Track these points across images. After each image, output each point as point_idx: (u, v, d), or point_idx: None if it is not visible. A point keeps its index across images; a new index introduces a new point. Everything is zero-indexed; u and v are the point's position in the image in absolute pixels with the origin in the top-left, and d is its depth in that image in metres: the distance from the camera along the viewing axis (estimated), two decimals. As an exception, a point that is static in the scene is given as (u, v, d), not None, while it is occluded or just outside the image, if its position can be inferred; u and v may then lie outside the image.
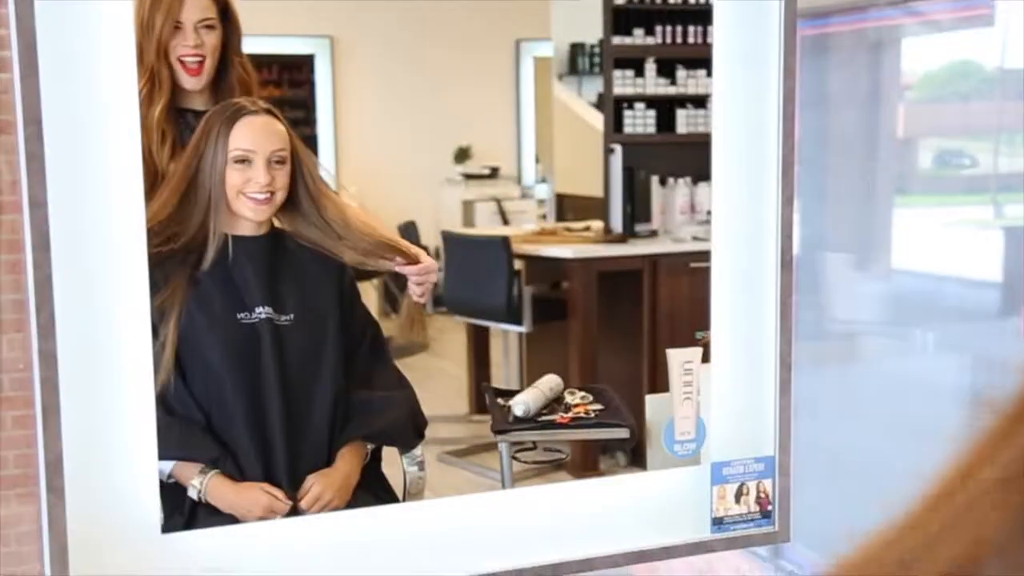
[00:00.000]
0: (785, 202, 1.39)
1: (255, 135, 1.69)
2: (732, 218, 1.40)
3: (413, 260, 1.93)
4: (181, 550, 1.30)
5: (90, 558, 1.21)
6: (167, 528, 1.34)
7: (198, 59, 1.74)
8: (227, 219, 1.71)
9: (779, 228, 1.40)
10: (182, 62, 1.74)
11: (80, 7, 1.13)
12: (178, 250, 1.71)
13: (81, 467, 1.20)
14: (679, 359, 1.44)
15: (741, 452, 1.46)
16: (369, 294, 3.11)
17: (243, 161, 1.68)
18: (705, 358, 1.46)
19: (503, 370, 3.87)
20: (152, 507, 1.27)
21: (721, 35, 1.33)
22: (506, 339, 3.83)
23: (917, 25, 3.71)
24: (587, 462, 3.09)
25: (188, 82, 1.74)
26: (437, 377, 4.04)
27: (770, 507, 1.49)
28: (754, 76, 1.35)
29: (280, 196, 1.72)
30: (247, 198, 1.69)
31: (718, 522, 1.47)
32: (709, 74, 4.30)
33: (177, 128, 1.72)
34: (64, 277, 1.17)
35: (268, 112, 1.73)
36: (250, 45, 2.03)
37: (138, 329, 1.23)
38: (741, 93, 1.38)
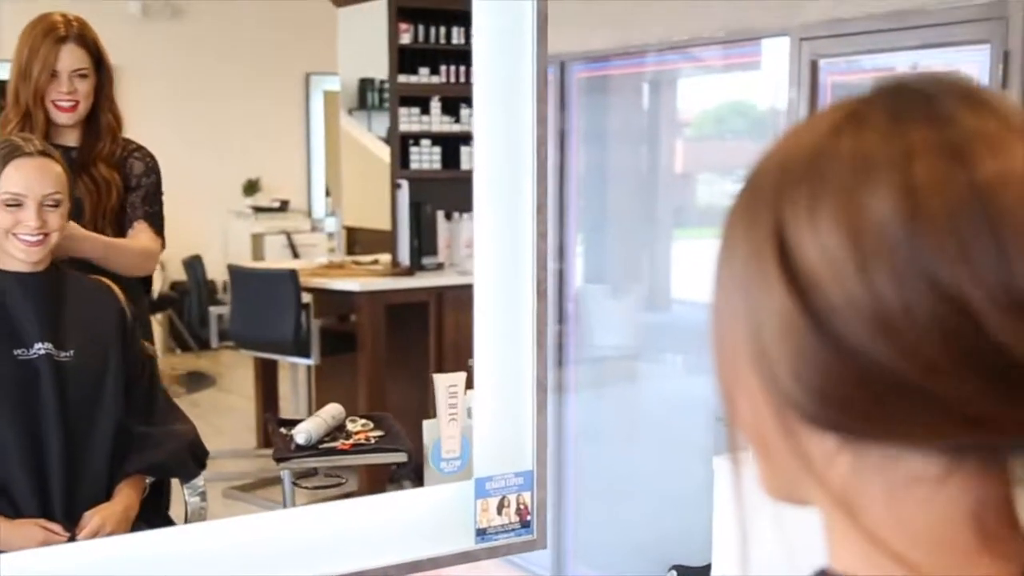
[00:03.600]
0: (540, 237, 1.53)
1: (27, 178, 1.67)
2: (492, 254, 1.52)
3: None
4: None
5: None
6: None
7: (72, 102, 1.90)
8: (3, 256, 1.70)
9: (535, 261, 1.54)
10: (55, 103, 1.89)
11: None
12: None
13: None
14: (445, 383, 1.56)
15: (503, 467, 1.58)
16: (155, 330, 3.08)
17: (14, 204, 1.67)
18: (471, 384, 1.58)
19: (292, 403, 3.89)
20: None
21: (480, 91, 1.46)
22: (295, 372, 3.85)
23: (692, 68, 3.96)
24: (374, 489, 3.17)
25: (61, 118, 1.90)
26: (225, 412, 4.01)
27: (529, 517, 1.62)
28: (509, 127, 1.48)
29: (55, 237, 1.69)
30: (18, 239, 1.66)
31: (481, 533, 1.59)
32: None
33: None
34: None
35: (43, 154, 1.70)
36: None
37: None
38: (500, 141, 1.51)
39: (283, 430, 2.14)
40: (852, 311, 0.50)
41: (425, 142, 4.16)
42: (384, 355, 3.74)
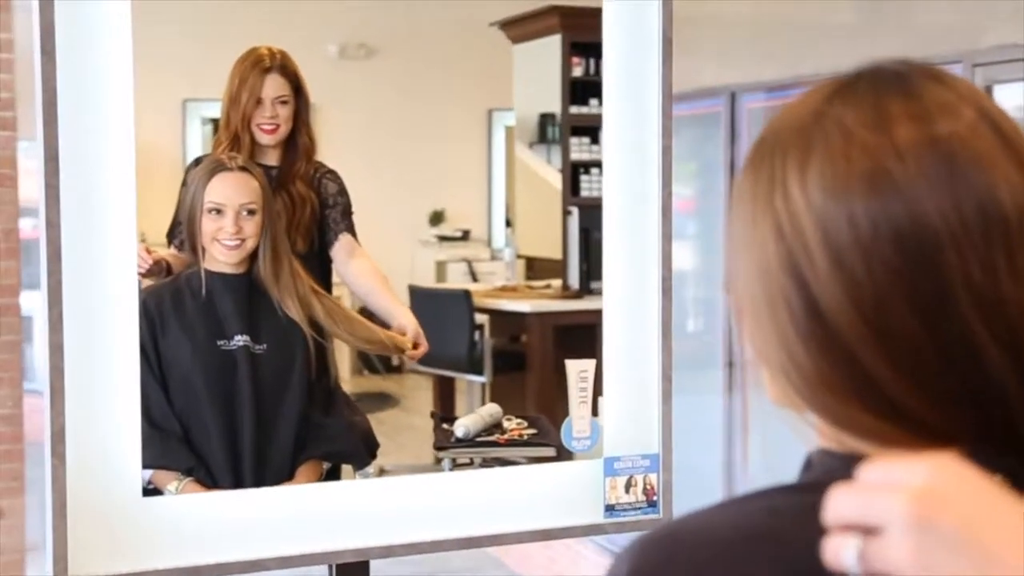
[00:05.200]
0: (664, 239, 1.69)
1: (226, 189, 1.96)
2: (621, 255, 1.70)
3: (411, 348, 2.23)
4: (157, 512, 1.59)
5: (84, 513, 1.47)
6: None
7: (273, 125, 2.15)
8: (210, 258, 1.99)
9: (660, 261, 1.70)
10: (260, 127, 2.15)
11: (93, 73, 1.44)
12: (169, 282, 1.98)
13: (79, 438, 1.48)
14: (576, 368, 1.73)
15: (630, 450, 1.74)
16: (343, 351, 3.34)
17: (216, 211, 1.96)
18: (599, 390, 1.75)
19: (466, 419, 4.09)
20: (134, 475, 1.54)
21: (610, 105, 1.65)
22: (470, 389, 4.08)
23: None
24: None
25: (264, 139, 2.15)
26: (406, 430, 4.25)
27: (655, 497, 1.77)
28: (638, 138, 1.66)
29: (251, 243, 1.96)
30: (220, 244, 1.95)
31: (610, 508, 1.75)
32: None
33: None
34: (70, 286, 1.46)
35: (243, 169, 2.00)
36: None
37: (126, 327, 1.52)
38: (629, 155, 1.69)
39: (445, 425, 2.34)
40: (823, 251, 0.65)
41: (594, 170, 4.32)
42: (552, 373, 3.89)
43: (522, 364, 4.04)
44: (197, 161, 2.16)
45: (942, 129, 0.64)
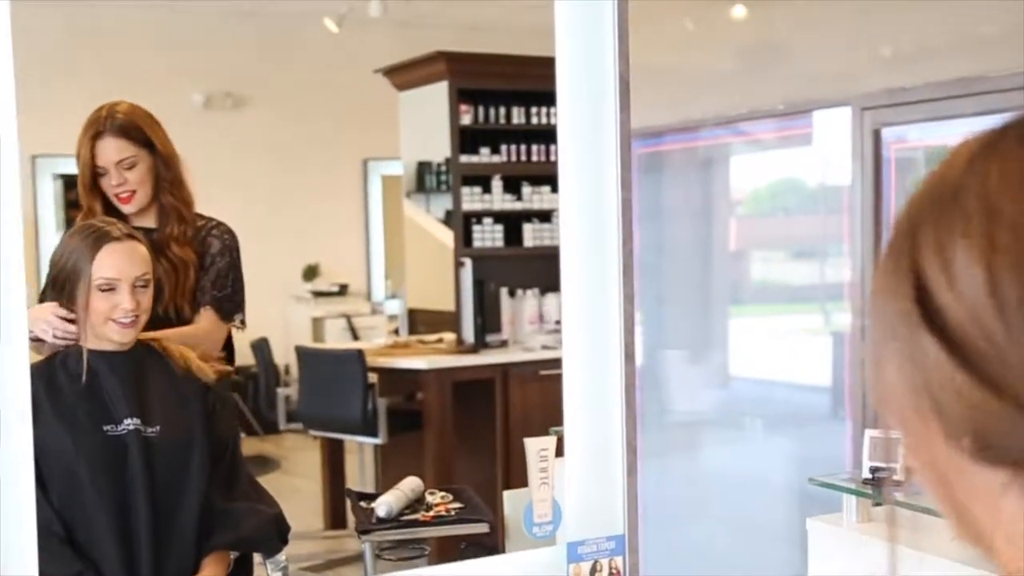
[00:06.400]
0: (626, 300, 1.54)
1: (119, 262, 1.70)
2: (580, 316, 1.54)
3: None
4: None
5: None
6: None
7: (127, 192, 1.91)
8: (97, 337, 1.72)
9: (622, 323, 1.55)
10: (116, 196, 1.91)
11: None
12: (39, 364, 1.71)
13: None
14: (536, 447, 1.56)
15: (594, 531, 1.57)
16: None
17: (109, 288, 1.70)
18: (559, 452, 1.58)
19: (359, 483, 3.89)
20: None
21: (565, 156, 1.49)
22: (362, 452, 3.87)
23: (744, 144, 3.97)
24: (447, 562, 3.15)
25: (124, 208, 1.92)
26: (290, 495, 4.03)
27: (622, 582, 1.60)
28: (595, 190, 1.51)
29: (144, 317, 1.72)
30: (115, 323, 1.69)
31: (575, 599, 1.58)
32: (553, 190, 4.51)
33: None
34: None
35: (130, 236, 1.73)
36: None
37: (17, 431, 1.27)
38: (585, 205, 1.53)
39: (363, 503, 2.14)
40: (1003, 362, 0.50)
41: (487, 220, 4.19)
42: (451, 431, 3.73)
43: (418, 423, 3.85)
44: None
45: None
